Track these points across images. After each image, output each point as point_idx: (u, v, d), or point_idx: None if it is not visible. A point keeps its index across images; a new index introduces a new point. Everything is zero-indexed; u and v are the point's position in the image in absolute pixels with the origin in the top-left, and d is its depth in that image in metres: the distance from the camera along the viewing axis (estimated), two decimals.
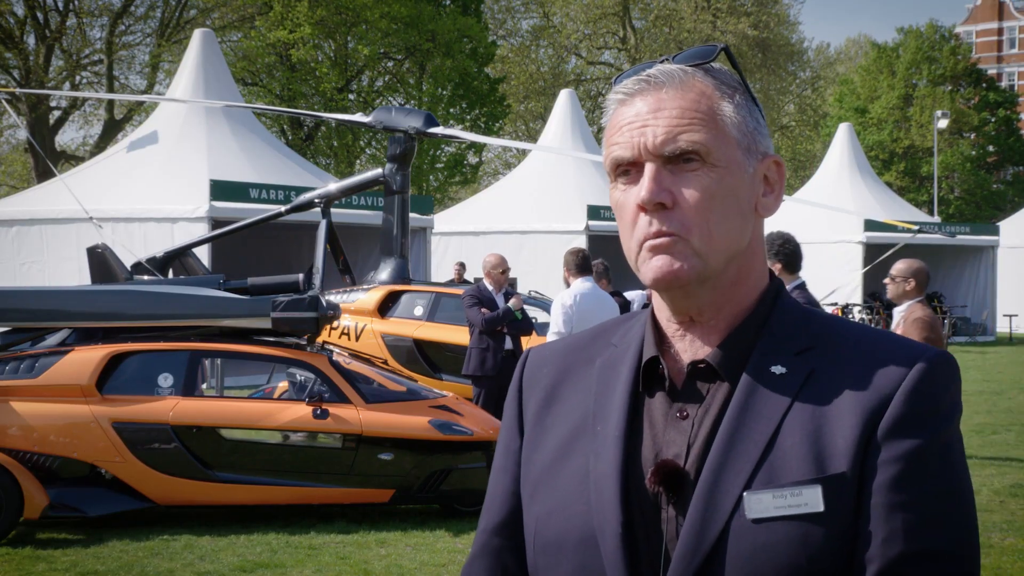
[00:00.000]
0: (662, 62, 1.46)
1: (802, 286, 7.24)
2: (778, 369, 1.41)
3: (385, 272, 13.42)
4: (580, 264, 8.90)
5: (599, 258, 11.21)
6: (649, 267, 1.40)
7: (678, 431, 1.42)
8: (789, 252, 7.13)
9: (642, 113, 1.41)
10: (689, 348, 1.45)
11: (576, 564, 1.42)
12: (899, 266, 7.90)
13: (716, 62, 1.46)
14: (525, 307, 11.15)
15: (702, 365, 1.43)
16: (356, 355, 10.41)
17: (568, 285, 8.88)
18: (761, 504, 1.34)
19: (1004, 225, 34.12)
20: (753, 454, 1.36)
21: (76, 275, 15.82)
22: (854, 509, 1.34)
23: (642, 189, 1.40)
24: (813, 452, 1.35)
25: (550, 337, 8.59)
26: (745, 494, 1.34)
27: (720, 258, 1.41)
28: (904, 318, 7.46)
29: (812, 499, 1.33)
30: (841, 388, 1.38)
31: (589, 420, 1.48)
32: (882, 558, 1.32)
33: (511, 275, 12.37)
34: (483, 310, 10.67)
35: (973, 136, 57.19)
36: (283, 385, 10.31)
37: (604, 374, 1.50)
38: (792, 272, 7.13)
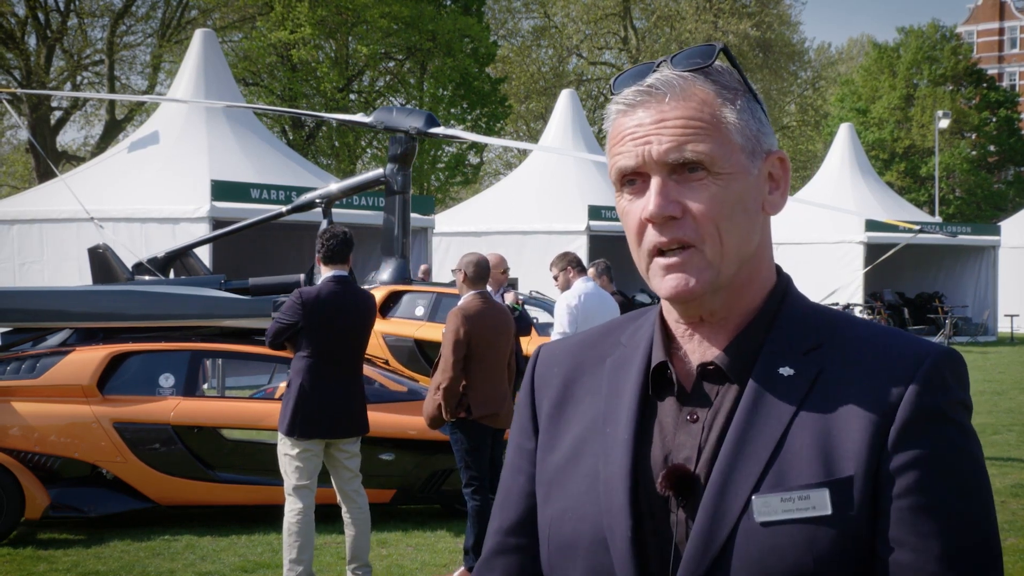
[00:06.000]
0: (660, 64, 1.44)
1: (338, 278, 7.12)
2: (786, 371, 1.40)
3: (386, 272, 13.42)
4: (577, 263, 9.00)
5: (600, 258, 11.21)
6: (664, 284, 1.40)
7: (689, 434, 1.42)
8: (325, 245, 7.09)
9: (645, 123, 1.40)
10: (698, 349, 1.45)
11: (589, 565, 1.43)
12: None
13: (716, 61, 1.44)
14: (527, 308, 11.13)
15: (711, 367, 1.43)
16: None
17: (567, 286, 8.89)
18: (769, 507, 1.34)
19: (1005, 225, 34.08)
20: (762, 457, 1.36)
21: (77, 275, 15.83)
22: (866, 511, 1.34)
23: (649, 203, 1.39)
24: (821, 455, 1.35)
25: (554, 337, 8.61)
26: (753, 497, 1.35)
27: (732, 265, 1.41)
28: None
29: (820, 502, 1.33)
30: (849, 389, 1.38)
31: (599, 421, 1.47)
32: (913, 563, 1.32)
33: (511, 275, 12.36)
34: None
35: (974, 136, 57.15)
36: (284, 385, 10.31)
37: (614, 375, 1.50)
38: (328, 264, 7.11)
